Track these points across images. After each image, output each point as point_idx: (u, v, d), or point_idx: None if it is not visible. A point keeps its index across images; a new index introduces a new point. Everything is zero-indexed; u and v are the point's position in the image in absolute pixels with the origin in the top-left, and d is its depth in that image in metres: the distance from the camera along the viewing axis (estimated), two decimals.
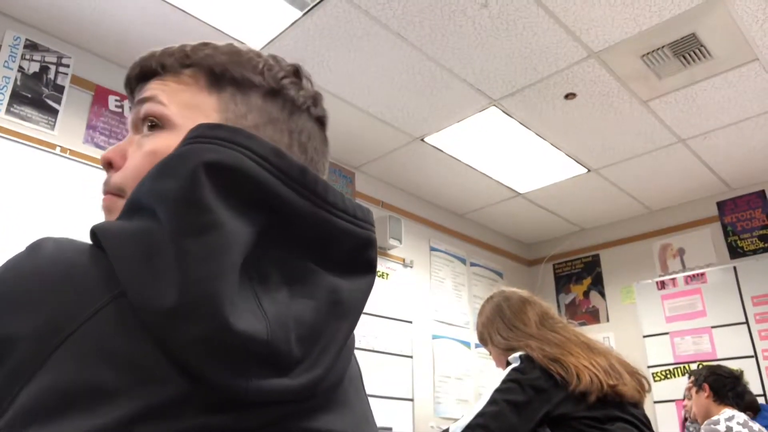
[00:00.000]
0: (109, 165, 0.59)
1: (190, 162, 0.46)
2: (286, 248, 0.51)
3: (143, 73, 0.61)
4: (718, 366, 2.78)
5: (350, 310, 0.53)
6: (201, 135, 0.49)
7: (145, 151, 0.57)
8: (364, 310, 0.56)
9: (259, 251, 0.48)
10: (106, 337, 0.42)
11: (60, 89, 2.50)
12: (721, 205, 3.99)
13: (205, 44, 0.62)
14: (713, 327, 3.79)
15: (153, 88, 0.60)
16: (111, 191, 0.58)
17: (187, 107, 0.58)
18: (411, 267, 3.85)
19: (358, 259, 0.55)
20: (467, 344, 4.06)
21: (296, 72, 0.63)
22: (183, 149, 0.48)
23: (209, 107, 0.58)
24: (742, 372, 2.71)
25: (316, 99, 0.64)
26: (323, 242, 0.52)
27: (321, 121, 0.65)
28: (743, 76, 2.82)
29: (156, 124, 0.58)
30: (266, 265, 0.49)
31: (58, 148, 2.42)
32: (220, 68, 0.59)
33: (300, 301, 0.49)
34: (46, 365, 0.41)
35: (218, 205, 0.45)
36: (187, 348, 0.42)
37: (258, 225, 0.48)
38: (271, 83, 0.60)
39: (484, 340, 1.68)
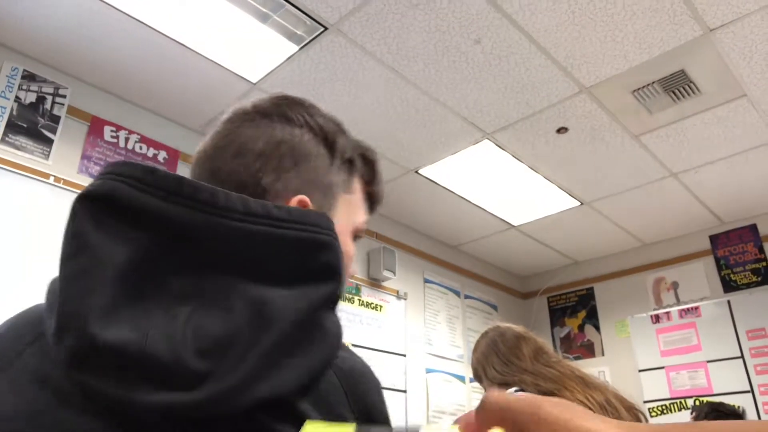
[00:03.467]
0: None
1: (74, 199, 0.52)
2: (193, 264, 0.49)
3: None
4: (720, 403, 2.76)
5: (277, 318, 0.47)
6: (96, 174, 0.56)
7: None
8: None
9: (149, 268, 0.48)
10: (33, 369, 0.49)
11: (56, 119, 2.50)
12: (713, 238, 4.01)
13: None
14: (708, 361, 3.76)
15: None
16: None
17: None
18: (405, 299, 3.83)
19: (308, 264, 0.51)
20: (462, 378, 4.01)
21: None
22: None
23: None
24: (744, 410, 2.68)
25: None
26: (244, 252, 0.49)
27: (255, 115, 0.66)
28: (732, 112, 2.86)
29: None
30: (164, 282, 0.48)
31: (51, 178, 2.41)
32: None
33: (208, 314, 0.47)
34: None
35: (89, 231, 0.49)
36: (66, 363, 0.46)
37: (139, 243, 0.49)
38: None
39: (479, 377, 1.66)
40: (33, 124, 2.43)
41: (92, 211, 0.50)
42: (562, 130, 2.99)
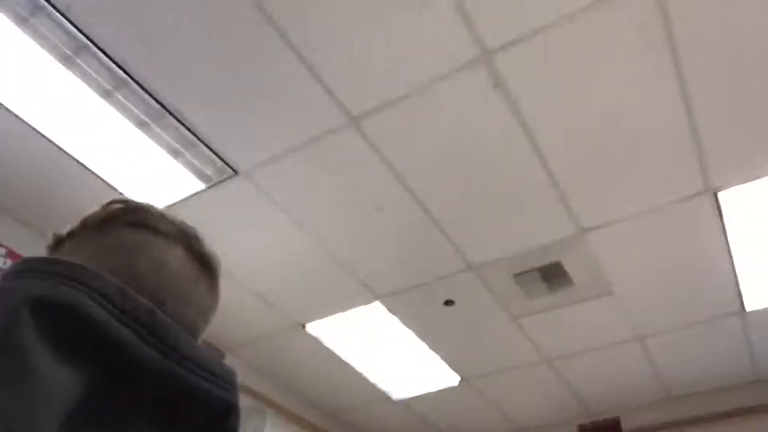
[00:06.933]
0: None
1: (13, 298, 0.40)
2: (128, 407, 0.44)
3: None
4: None
5: None
6: (34, 269, 0.44)
7: None
8: None
9: (91, 407, 0.41)
10: None
11: None
12: (582, 428, 4.10)
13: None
14: None
15: None
16: None
17: None
18: None
19: (216, 429, 0.49)
20: None
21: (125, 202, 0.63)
22: (7, 284, 0.43)
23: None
24: None
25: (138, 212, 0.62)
26: (173, 403, 0.46)
27: (147, 227, 0.60)
28: (600, 306, 3.10)
29: None
30: (99, 424, 0.42)
31: None
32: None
33: None
34: None
35: (39, 349, 0.39)
36: None
37: (90, 375, 0.41)
38: (102, 215, 0.59)
39: None
40: None
41: (43, 324, 0.40)
42: (449, 302, 3.09)
